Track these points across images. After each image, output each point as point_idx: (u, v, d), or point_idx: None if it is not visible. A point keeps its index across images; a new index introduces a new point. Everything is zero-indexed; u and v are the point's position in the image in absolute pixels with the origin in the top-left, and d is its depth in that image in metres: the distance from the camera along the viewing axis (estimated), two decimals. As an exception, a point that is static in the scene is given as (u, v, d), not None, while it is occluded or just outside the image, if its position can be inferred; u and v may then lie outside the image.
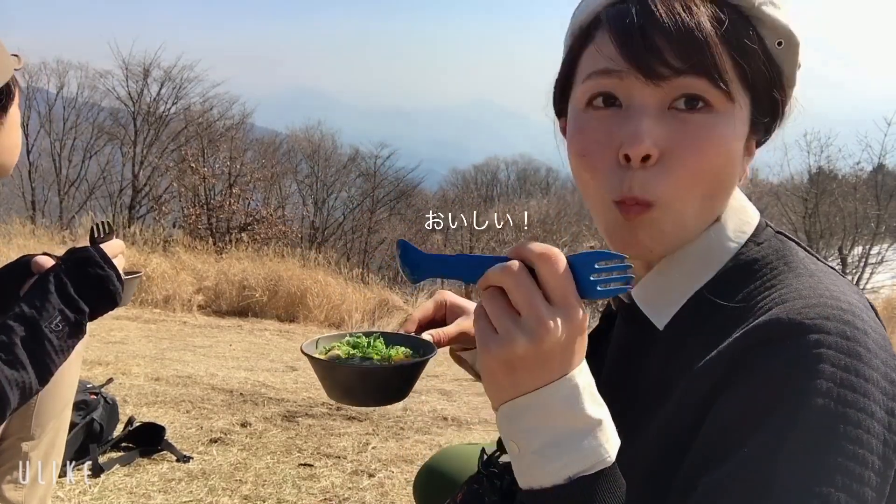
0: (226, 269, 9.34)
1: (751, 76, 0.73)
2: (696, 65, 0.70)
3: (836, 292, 0.67)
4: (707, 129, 0.71)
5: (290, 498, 2.47)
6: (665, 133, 0.71)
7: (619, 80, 0.73)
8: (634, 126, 0.71)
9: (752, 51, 0.73)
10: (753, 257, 0.77)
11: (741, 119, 0.74)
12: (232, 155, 18.50)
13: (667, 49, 0.70)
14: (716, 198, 0.76)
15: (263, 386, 4.20)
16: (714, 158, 0.72)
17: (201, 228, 15.76)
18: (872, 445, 0.58)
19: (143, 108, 20.43)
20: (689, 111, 0.72)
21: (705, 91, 0.71)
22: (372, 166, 24.40)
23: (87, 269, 1.28)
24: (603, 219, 0.77)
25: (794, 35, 0.76)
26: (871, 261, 18.25)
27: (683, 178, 0.72)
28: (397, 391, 0.82)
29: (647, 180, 0.72)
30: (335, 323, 8.82)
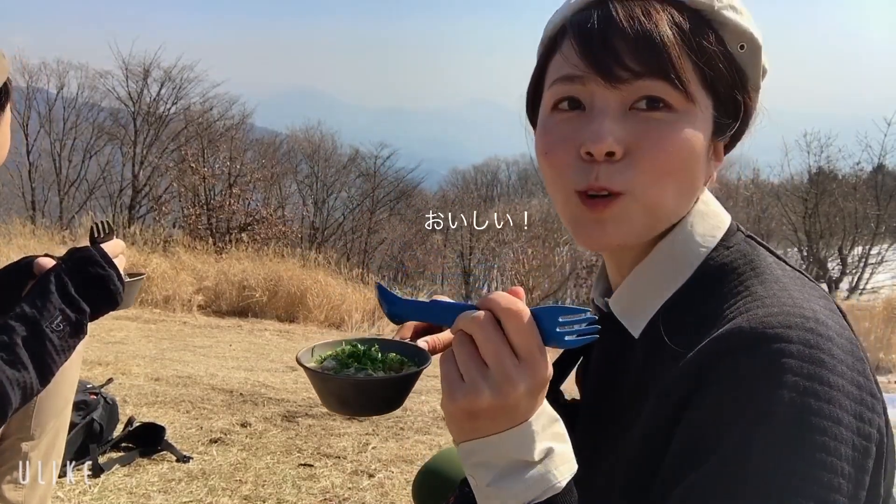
0: (226, 270, 9.34)
1: (711, 78, 0.74)
2: (655, 68, 0.71)
3: (800, 300, 0.68)
4: (668, 127, 0.73)
5: (290, 498, 2.47)
6: (627, 132, 0.73)
7: (582, 85, 0.75)
8: (597, 126, 0.73)
9: (712, 52, 0.74)
10: (722, 262, 0.77)
11: (703, 119, 0.75)
12: (232, 155, 18.50)
13: (626, 52, 0.72)
14: (681, 194, 0.77)
15: (263, 386, 4.20)
16: (677, 153, 0.73)
17: (201, 228, 15.75)
18: (841, 452, 0.58)
19: (143, 108, 20.42)
20: (650, 111, 0.73)
21: (664, 93, 0.72)
22: (372, 166, 24.41)
23: (87, 269, 1.28)
24: (568, 213, 0.78)
25: (756, 39, 0.77)
26: (871, 261, 18.27)
27: (649, 170, 0.73)
28: (391, 401, 0.83)
29: (613, 172, 0.73)
30: (335, 323, 8.82)
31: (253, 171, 18.93)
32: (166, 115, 20.77)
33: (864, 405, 0.61)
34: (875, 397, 0.63)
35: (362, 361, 0.86)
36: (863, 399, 0.61)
